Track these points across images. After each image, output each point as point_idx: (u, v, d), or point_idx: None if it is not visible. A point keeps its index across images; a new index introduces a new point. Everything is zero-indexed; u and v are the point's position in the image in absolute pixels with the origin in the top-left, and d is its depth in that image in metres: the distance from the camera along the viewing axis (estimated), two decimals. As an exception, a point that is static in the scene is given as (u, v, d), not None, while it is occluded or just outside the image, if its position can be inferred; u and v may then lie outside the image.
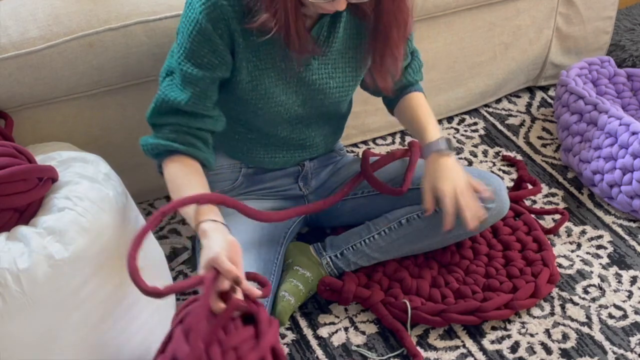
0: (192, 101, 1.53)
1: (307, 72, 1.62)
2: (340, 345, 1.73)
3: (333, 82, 1.65)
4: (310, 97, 1.66)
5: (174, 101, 1.53)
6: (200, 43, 1.51)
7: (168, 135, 1.55)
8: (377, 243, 1.80)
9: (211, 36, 1.50)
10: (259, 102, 1.62)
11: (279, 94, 1.62)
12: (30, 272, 1.36)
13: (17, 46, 1.70)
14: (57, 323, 1.41)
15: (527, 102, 2.43)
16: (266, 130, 1.69)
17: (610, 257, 1.93)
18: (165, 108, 1.55)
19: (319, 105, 1.69)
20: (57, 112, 1.82)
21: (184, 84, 1.53)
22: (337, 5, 1.45)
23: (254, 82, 1.59)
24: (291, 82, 1.62)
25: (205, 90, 1.54)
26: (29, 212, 1.46)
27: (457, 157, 2.20)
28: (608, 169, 2.03)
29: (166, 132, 1.55)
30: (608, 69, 2.32)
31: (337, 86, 1.66)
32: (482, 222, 1.75)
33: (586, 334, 1.75)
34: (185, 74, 1.52)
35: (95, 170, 1.55)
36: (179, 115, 1.55)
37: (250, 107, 1.63)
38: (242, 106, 1.64)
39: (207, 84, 1.53)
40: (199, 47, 1.51)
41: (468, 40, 2.24)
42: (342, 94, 1.69)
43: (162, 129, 1.56)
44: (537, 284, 1.78)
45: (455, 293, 1.79)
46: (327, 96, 1.67)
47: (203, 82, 1.53)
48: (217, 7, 1.48)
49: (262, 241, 1.72)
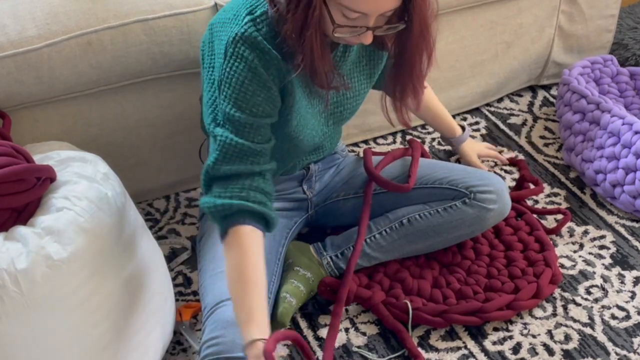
0: (256, 141, 1.48)
1: (329, 92, 1.60)
2: (341, 346, 1.72)
3: (350, 93, 1.65)
4: (331, 114, 1.66)
5: (241, 144, 1.46)
6: (254, 91, 1.46)
7: (239, 194, 1.46)
8: (378, 243, 1.80)
9: (266, 82, 1.46)
10: (301, 134, 1.61)
11: (310, 119, 1.61)
12: (28, 273, 1.36)
13: (15, 45, 1.70)
14: (55, 324, 1.41)
15: (529, 101, 2.43)
16: (288, 153, 1.68)
17: (613, 258, 1.92)
18: (232, 152, 1.47)
19: (339, 118, 1.69)
20: (56, 111, 1.82)
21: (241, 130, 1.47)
22: (364, 39, 1.42)
23: (297, 116, 1.57)
24: (315, 103, 1.61)
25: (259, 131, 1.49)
26: (27, 212, 1.46)
27: (458, 157, 2.20)
28: (611, 168, 2.03)
29: (234, 190, 1.46)
30: (611, 68, 2.32)
31: (353, 96, 1.66)
32: (484, 223, 1.75)
33: (589, 335, 1.74)
34: (240, 120, 1.46)
35: (94, 170, 1.55)
36: (245, 160, 1.47)
37: (293, 140, 1.61)
38: (286, 141, 1.60)
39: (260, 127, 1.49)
40: (253, 95, 1.46)
41: (469, 39, 2.23)
42: (358, 102, 1.69)
43: (229, 185, 1.47)
44: (539, 285, 1.78)
45: (456, 294, 1.78)
46: (345, 108, 1.67)
47: (259, 127, 1.48)
48: (265, 52, 1.44)
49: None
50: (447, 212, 1.76)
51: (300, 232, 1.92)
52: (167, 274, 1.72)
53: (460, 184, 1.76)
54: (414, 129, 2.31)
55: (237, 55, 1.45)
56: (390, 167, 1.84)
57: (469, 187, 1.75)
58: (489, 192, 1.74)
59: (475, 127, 2.32)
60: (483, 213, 1.75)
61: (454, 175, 1.78)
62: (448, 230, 1.78)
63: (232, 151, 1.47)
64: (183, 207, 2.06)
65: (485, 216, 1.76)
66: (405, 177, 1.81)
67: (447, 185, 1.77)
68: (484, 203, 1.74)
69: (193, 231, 1.98)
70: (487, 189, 1.75)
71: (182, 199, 2.08)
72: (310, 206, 1.85)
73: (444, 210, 1.76)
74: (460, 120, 2.34)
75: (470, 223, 1.77)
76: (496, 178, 1.79)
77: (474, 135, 2.29)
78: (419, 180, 1.80)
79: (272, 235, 1.75)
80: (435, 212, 1.76)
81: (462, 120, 2.35)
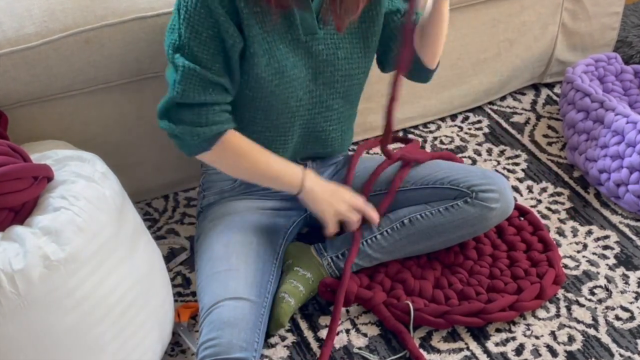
0: (214, 69, 1.55)
1: (313, 42, 1.62)
2: (342, 347, 1.72)
3: (341, 53, 1.65)
4: (320, 71, 1.66)
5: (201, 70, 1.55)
6: (203, 21, 1.51)
7: (216, 117, 1.58)
8: (380, 243, 1.79)
9: (216, 10, 1.51)
10: (275, 79, 1.61)
11: (291, 67, 1.62)
12: (25, 273, 1.35)
13: (12, 42, 1.70)
14: (52, 325, 1.41)
15: (532, 100, 2.43)
16: (283, 124, 1.69)
17: (617, 258, 1.92)
18: (194, 81, 1.55)
19: (330, 79, 1.68)
20: (53, 110, 1.82)
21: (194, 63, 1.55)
22: None
23: (266, 55, 1.59)
24: (299, 54, 1.62)
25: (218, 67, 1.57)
26: (24, 212, 1.46)
27: (461, 156, 2.20)
28: (615, 167, 2.02)
29: (211, 113, 1.57)
30: (615, 66, 2.32)
31: (345, 57, 1.66)
32: (486, 222, 1.75)
33: (592, 336, 1.74)
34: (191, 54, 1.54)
35: (92, 169, 1.54)
36: (212, 91, 1.57)
37: (267, 85, 1.62)
38: (259, 88, 1.62)
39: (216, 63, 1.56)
40: (202, 27, 1.52)
41: (472, 37, 2.23)
42: (351, 66, 1.68)
43: (202, 110, 1.57)
44: (542, 285, 1.78)
45: (458, 294, 1.78)
46: (336, 68, 1.67)
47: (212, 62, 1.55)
48: None
49: (261, 241, 1.72)
50: (448, 212, 1.76)
51: (300, 232, 1.92)
52: (166, 274, 1.72)
53: (462, 183, 1.76)
54: (415, 127, 2.31)
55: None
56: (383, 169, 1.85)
57: (470, 187, 1.75)
58: (491, 191, 1.74)
59: (477, 126, 2.32)
60: (485, 212, 1.75)
61: (455, 175, 1.78)
62: (450, 230, 1.78)
63: (194, 80, 1.54)
64: (182, 206, 2.06)
65: (487, 215, 1.76)
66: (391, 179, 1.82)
67: (448, 185, 1.77)
68: (486, 202, 1.73)
69: (192, 231, 1.98)
70: (489, 188, 1.74)
71: (181, 199, 2.08)
72: None
73: (445, 209, 1.76)
74: (459, 123, 2.34)
75: (472, 223, 1.76)
76: (498, 177, 1.78)
77: (476, 134, 2.28)
78: (420, 180, 1.79)
79: (270, 235, 1.75)
80: (437, 211, 1.76)
81: (464, 119, 2.35)
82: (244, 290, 1.60)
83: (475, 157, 2.21)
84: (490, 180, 1.75)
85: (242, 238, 1.69)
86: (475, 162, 2.20)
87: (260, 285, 1.64)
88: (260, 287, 1.64)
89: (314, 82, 1.67)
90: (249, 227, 1.72)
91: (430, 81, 1.83)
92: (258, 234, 1.72)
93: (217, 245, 1.68)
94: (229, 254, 1.66)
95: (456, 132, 2.30)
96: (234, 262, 1.64)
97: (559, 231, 1.99)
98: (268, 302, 1.66)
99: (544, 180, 2.14)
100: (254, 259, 1.67)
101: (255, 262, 1.67)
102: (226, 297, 1.57)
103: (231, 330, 1.51)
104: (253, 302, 1.59)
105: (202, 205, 1.81)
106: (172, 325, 1.69)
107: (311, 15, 1.60)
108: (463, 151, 2.23)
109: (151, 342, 1.60)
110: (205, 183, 1.81)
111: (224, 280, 1.61)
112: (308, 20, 1.60)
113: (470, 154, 2.22)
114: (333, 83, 1.69)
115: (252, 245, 1.69)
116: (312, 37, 1.62)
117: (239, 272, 1.62)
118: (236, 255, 1.65)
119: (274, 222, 1.78)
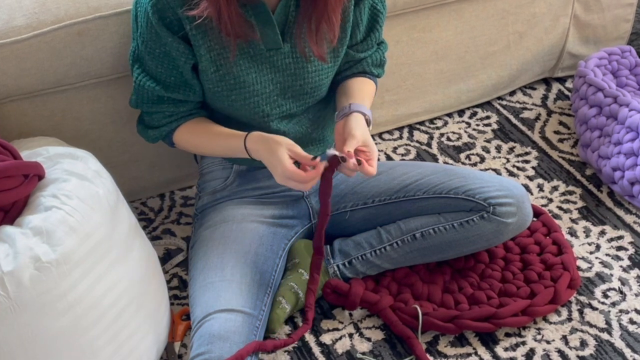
0: (169, 82, 1.64)
1: (279, 56, 1.63)
2: (345, 352, 1.72)
3: (311, 67, 1.66)
4: (288, 85, 1.66)
5: (153, 89, 1.64)
6: (155, 39, 1.58)
7: (165, 120, 1.68)
8: (389, 255, 1.78)
9: (162, 33, 1.56)
10: (232, 94, 1.63)
11: (252, 83, 1.63)
12: (15, 275, 1.35)
13: (1, 35, 1.69)
14: (43, 328, 1.41)
15: (543, 95, 2.43)
16: (259, 127, 1.68)
17: (632, 259, 1.92)
18: (147, 97, 1.66)
19: (300, 92, 1.68)
20: (44, 105, 1.81)
21: (152, 78, 1.64)
22: None
23: (220, 71, 1.60)
24: (263, 69, 1.63)
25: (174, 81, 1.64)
26: (14, 211, 1.46)
27: (468, 153, 2.19)
28: (629, 165, 2.02)
29: (160, 118, 1.68)
30: (629, 59, 2.31)
31: (315, 70, 1.66)
32: (502, 237, 1.74)
33: (606, 340, 1.74)
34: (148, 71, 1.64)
35: (85, 167, 1.54)
36: (163, 103, 1.66)
37: (222, 99, 1.64)
38: (217, 100, 1.66)
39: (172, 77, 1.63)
40: (155, 44, 1.59)
41: (480, 29, 2.23)
42: (321, 77, 1.68)
43: (153, 116, 1.69)
44: (556, 289, 1.77)
45: (469, 299, 1.77)
46: (305, 81, 1.67)
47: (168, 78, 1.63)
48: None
49: (259, 252, 1.71)
50: (463, 228, 1.74)
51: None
52: (162, 276, 1.72)
53: (478, 194, 1.72)
54: (421, 123, 2.30)
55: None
56: (372, 182, 1.80)
57: (487, 199, 1.71)
58: (509, 205, 1.71)
59: (486, 122, 2.32)
60: (502, 227, 1.72)
61: (470, 184, 1.74)
62: (464, 245, 1.76)
63: (147, 95, 1.65)
64: (178, 206, 2.06)
65: (504, 230, 1.73)
66: (387, 194, 1.79)
67: (463, 195, 1.73)
68: (503, 217, 1.71)
69: (189, 231, 1.97)
70: (506, 201, 1.71)
71: (177, 198, 2.08)
72: (312, 213, 1.83)
73: (460, 225, 1.73)
74: (467, 119, 2.34)
75: (487, 238, 1.74)
76: (516, 187, 1.75)
77: (484, 131, 2.28)
78: (433, 189, 1.76)
79: (268, 245, 1.73)
80: (451, 227, 1.73)
81: (472, 114, 2.34)
82: (237, 301, 1.59)
83: (484, 154, 2.21)
84: (508, 193, 1.72)
85: (238, 248, 1.68)
86: (484, 159, 2.19)
87: (256, 297, 1.63)
88: (256, 298, 1.63)
89: (282, 96, 1.67)
90: (246, 237, 1.71)
91: (438, 75, 1.82)
92: (256, 243, 1.71)
93: (212, 255, 1.67)
94: (224, 264, 1.65)
95: (464, 128, 2.30)
96: (229, 273, 1.63)
97: (571, 231, 1.98)
98: (265, 315, 1.65)
99: (555, 178, 2.14)
100: (250, 269, 1.66)
101: (251, 273, 1.66)
102: (218, 309, 1.56)
103: (222, 344, 1.51)
104: (247, 315, 1.59)
105: (197, 208, 1.81)
106: (168, 329, 1.69)
107: (273, 30, 1.60)
108: (471, 148, 2.22)
109: (146, 347, 1.60)
110: (200, 184, 1.81)
111: (217, 291, 1.60)
112: (270, 35, 1.61)
113: (478, 151, 2.22)
114: (302, 95, 1.70)
115: (249, 255, 1.68)
116: (276, 52, 1.62)
117: (232, 283, 1.61)
118: (231, 266, 1.64)
119: (274, 232, 1.77)
